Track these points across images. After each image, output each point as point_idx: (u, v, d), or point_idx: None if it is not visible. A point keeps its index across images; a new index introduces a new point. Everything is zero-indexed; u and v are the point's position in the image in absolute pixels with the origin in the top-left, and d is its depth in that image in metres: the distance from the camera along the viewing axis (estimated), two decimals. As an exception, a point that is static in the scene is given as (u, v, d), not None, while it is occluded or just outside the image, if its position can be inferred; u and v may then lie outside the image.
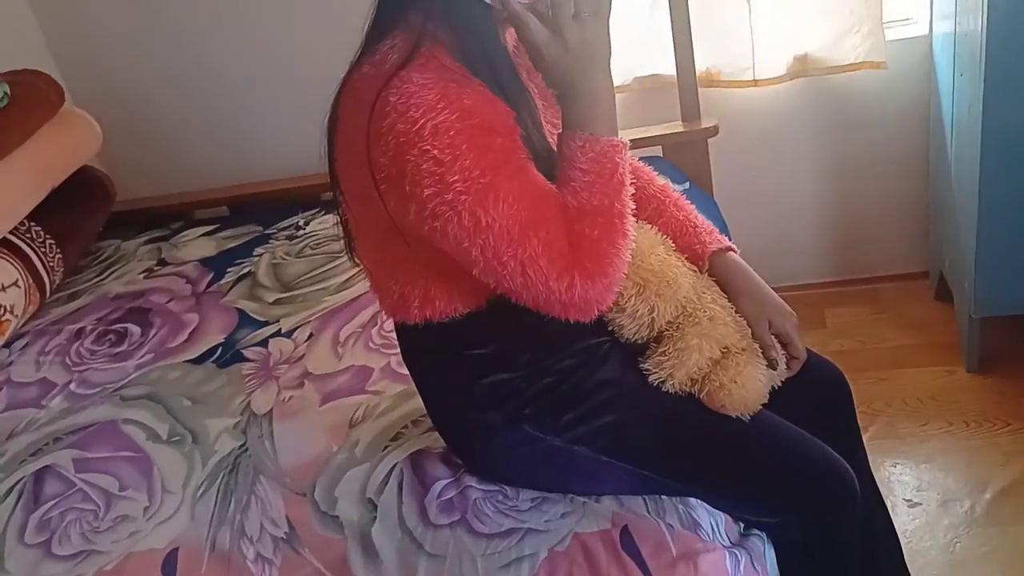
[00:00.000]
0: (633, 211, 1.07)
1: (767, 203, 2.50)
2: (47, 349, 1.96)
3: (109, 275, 2.26)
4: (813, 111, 2.35)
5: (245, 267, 2.16)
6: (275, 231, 2.32)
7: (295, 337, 1.82)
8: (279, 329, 1.87)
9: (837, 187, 2.46)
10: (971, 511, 1.80)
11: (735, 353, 1.20)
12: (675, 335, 1.19)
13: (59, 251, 2.16)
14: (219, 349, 1.84)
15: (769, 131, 2.39)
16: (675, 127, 2.19)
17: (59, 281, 2.19)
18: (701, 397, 1.19)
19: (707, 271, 1.28)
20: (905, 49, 2.22)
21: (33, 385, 1.84)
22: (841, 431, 1.36)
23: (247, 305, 1.99)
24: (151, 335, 1.94)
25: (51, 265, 2.13)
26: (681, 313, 1.20)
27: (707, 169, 2.20)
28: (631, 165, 1.09)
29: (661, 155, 2.19)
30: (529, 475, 1.26)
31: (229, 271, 2.16)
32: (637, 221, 1.17)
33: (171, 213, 2.54)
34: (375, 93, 0.99)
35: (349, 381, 1.63)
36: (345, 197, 1.13)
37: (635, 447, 1.20)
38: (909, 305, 2.45)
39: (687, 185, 2.06)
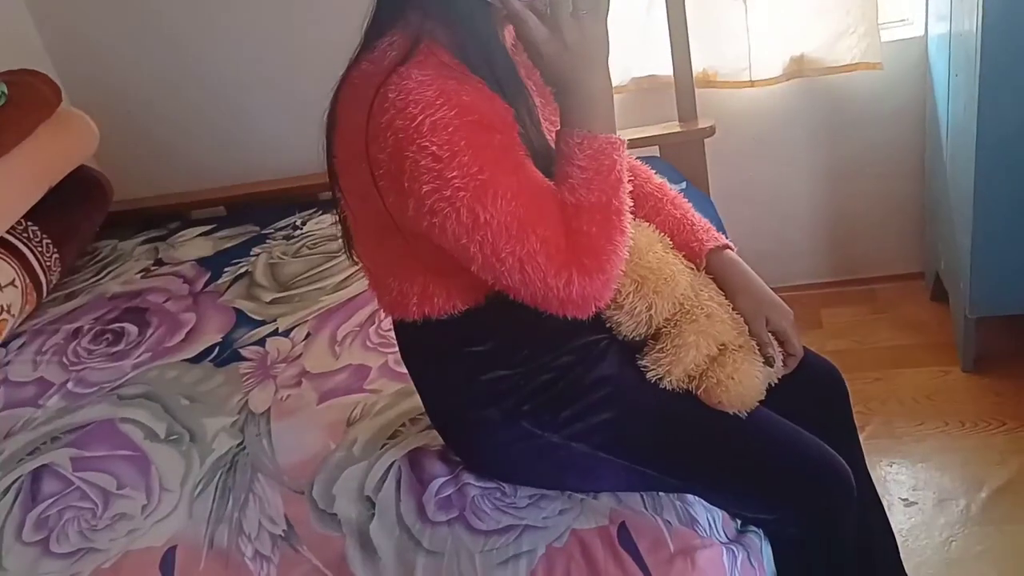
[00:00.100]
0: (631, 209, 1.07)
1: (763, 203, 2.50)
2: (44, 349, 1.96)
3: (106, 275, 2.27)
4: (809, 112, 2.36)
5: (242, 267, 2.16)
6: (272, 231, 2.33)
7: (292, 336, 1.82)
8: (276, 328, 1.87)
9: (833, 187, 2.47)
10: (967, 510, 1.81)
11: (732, 350, 1.21)
12: (673, 332, 1.20)
13: (56, 251, 2.16)
14: (216, 348, 1.84)
15: (765, 132, 2.40)
16: (672, 127, 2.20)
17: (56, 281, 2.19)
18: (698, 394, 1.20)
19: (704, 269, 1.29)
20: (901, 50, 2.23)
21: (30, 384, 1.84)
22: (838, 430, 1.36)
23: (244, 305, 1.99)
24: (148, 334, 1.94)
25: (48, 265, 2.13)
26: (679, 310, 1.21)
27: (704, 169, 2.20)
28: (629, 163, 1.10)
29: (658, 155, 2.20)
30: (527, 472, 1.26)
31: (226, 271, 2.16)
32: (635, 219, 1.18)
33: (168, 213, 2.55)
34: (374, 90, 0.99)
35: (347, 380, 1.63)
36: (344, 194, 1.14)
37: (633, 444, 1.21)
38: (905, 305, 2.46)
39: (684, 185, 2.06)
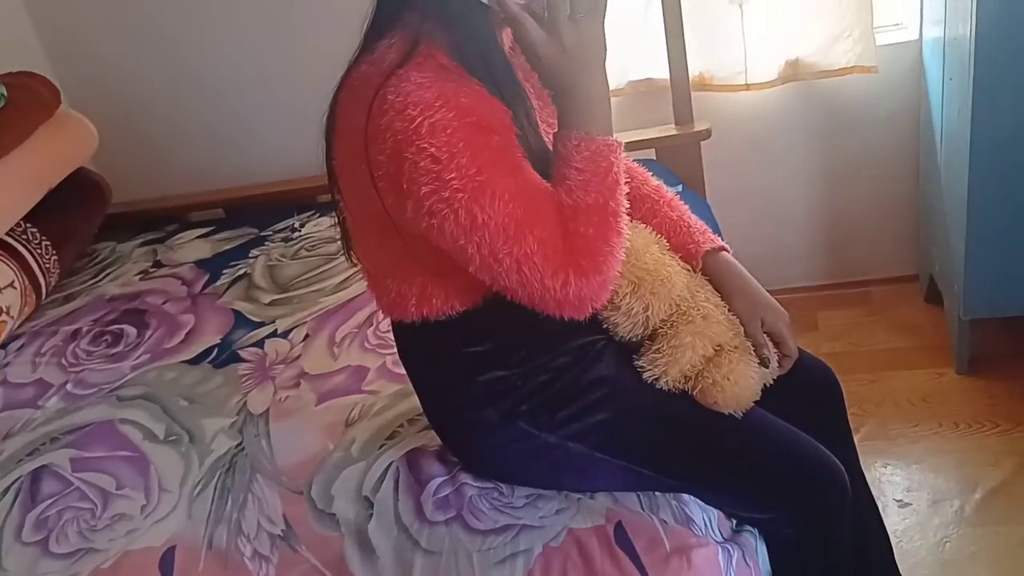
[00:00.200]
0: (627, 210, 1.08)
1: (759, 206, 2.52)
2: (43, 350, 1.96)
3: (105, 277, 2.27)
4: (805, 115, 2.37)
5: (241, 269, 2.17)
6: (271, 233, 2.33)
7: (291, 338, 1.83)
8: (275, 330, 1.88)
9: (829, 190, 2.48)
10: (961, 511, 1.82)
11: (728, 351, 1.22)
12: (669, 333, 1.21)
13: (55, 253, 2.17)
14: (215, 350, 1.85)
15: (761, 135, 2.41)
16: (668, 130, 2.21)
17: (55, 283, 2.20)
18: (694, 394, 1.21)
19: (700, 271, 1.30)
20: (895, 54, 2.24)
21: (29, 386, 1.84)
22: (832, 431, 1.37)
23: (243, 306, 2.00)
24: (147, 336, 1.95)
25: (47, 267, 2.13)
26: (675, 311, 1.22)
27: (700, 172, 2.21)
28: (625, 165, 1.10)
29: (654, 158, 2.21)
30: (524, 472, 1.27)
31: (225, 273, 2.16)
32: (632, 220, 1.18)
33: (167, 215, 2.55)
34: (373, 91, 1.00)
35: (345, 381, 1.64)
36: (343, 195, 1.14)
37: (629, 444, 1.21)
38: (900, 308, 2.47)
39: (680, 188, 2.07)
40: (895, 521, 1.81)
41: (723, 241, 1.33)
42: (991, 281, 1.99)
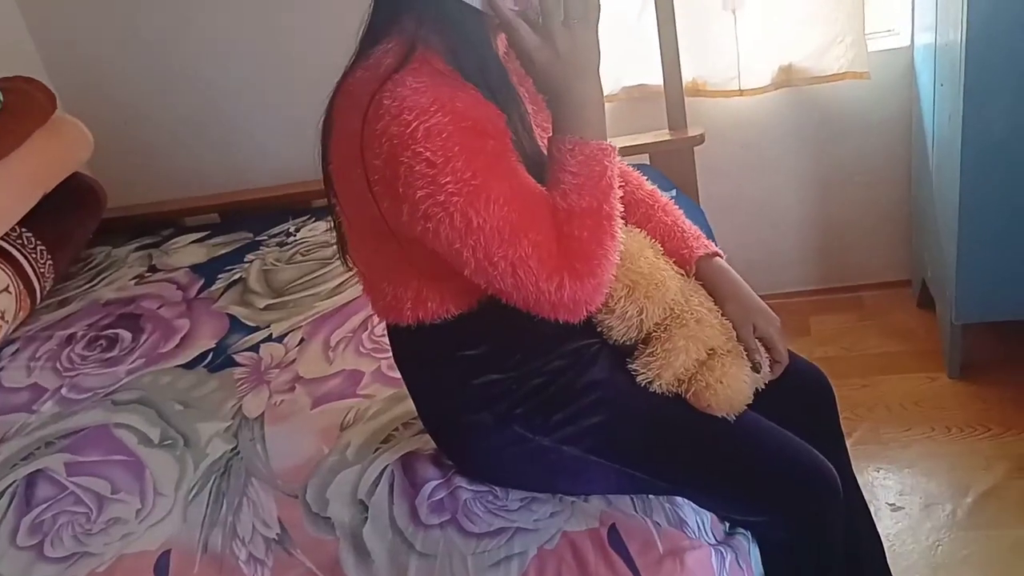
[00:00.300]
0: (622, 214, 1.09)
1: (752, 211, 2.53)
2: (38, 355, 1.96)
3: (100, 281, 2.27)
4: (797, 120, 2.39)
5: (236, 273, 2.17)
6: (266, 238, 2.34)
7: (286, 342, 1.83)
8: (270, 334, 1.88)
9: (821, 196, 2.50)
10: (953, 515, 1.83)
11: (721, 355, 1.22)
12: (663, 336, 1.22)
13: (50, 257, 2.17)
14: (210, 354, 1.85)
15: (754, 140, 2.42)
16: (662, 135, 2.22)
17: (50, 287, 2.20)
18: (688, 397, 1.21)
19: (694, 275, 1.30)
20: (887, 60, 2.26)
21: (24, 390, 1.84)
22: (825, 435, 1.38)
23: (238, 311, 2.00)
24: (142, 340, 1.95)
25: (42, 271, 2.13)
26: (669, 315, 1.23)
27: (693, 177, 2.22)
28: (620, 170, 1.11)
29: (648, 163, 2.22)
30: (519, 475, 1.27)
31: (220, 277, 2.17)
32: (626, 224, 1.19)
33: (161, 220, 2.56)
34: (369, 96, 1.00)
35: (340, 385, 1.64)
36: (339, 199, 1.15)
37: (623, 447, 1.22)
38: (892, 313, 2.48)
39: (673, 193, 2.06)
40: (887, 525, 1.82)
41: (716, 246, 1.34)
42: (983, 286, 2.00)
